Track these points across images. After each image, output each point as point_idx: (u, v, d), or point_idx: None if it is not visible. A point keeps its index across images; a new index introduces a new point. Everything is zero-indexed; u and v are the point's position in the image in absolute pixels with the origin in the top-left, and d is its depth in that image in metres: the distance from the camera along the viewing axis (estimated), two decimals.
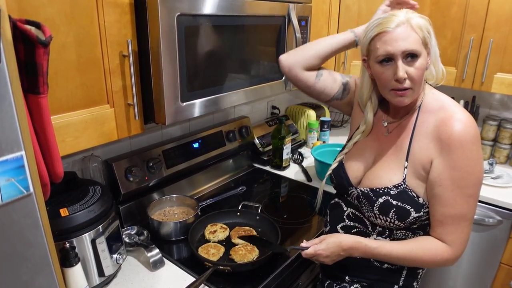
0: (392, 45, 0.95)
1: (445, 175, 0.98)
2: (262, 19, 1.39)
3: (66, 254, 0.98)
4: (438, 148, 0.99)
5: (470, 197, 0.98)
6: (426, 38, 0.98)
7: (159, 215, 1.47)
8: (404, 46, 0.95)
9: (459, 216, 0.99)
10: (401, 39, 0.95)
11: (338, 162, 1.22)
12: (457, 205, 0.98)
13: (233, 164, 1.97)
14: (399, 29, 0.95)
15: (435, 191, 1.00)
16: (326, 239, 1.11)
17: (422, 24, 0.98)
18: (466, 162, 0.96)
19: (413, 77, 0.97)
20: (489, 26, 1.82)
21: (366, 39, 1.01)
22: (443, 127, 0.99)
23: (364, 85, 1.14)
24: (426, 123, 1.04)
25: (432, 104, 1.05)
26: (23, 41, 0.67)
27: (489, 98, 2.26)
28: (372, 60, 1.02)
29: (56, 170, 0.76)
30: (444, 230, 1.00)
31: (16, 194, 0.54)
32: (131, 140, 1.55)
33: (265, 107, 2.29)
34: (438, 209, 1.00)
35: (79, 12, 0.94)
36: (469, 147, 0.96)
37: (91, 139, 1.04)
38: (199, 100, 1.22)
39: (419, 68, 0.97)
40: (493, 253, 1.86)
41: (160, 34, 1.03)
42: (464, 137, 0.96)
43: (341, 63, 2.09)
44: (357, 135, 1.18)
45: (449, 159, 0.97)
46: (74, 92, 0.98)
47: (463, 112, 1.00)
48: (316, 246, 1.11)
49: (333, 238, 1.10)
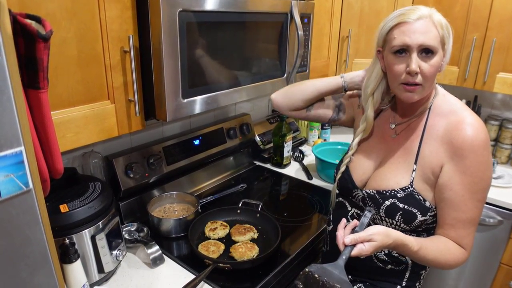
0: (410, 36, 0.93)
1: (456, 180, 0.97)
2: (264, 16, 1.38)
3: (66, 250, 0.98)
4: (450, 153, 0.98)
5: (479, 202, 0.98)
6: (445, 37, 0.96)
7: (159, 211, 1.47)
8: (422, 39, 0.93)
9: (470, 220, 0.98)
10: (420, 32, 0.93)
11: (345, 165, 1.19)
12: (468, 209, 0.97)
13: (234, 161, 1.97)
14: (420, 22, 0.94)
15: (445, 195, 0.99)
16: (377, 241, 0.91)
17: (444, 22, 0.96)
18: (478, 167, 0.95)
19: (425, 73, 0.95)
20: (492, 25, 1.81)
21: (385, 29, 0.99)
22: (455, 132, 0.97)
23: (372, 77, 1.10)
24: (436, 126, 1.02)
25: (442, 107, 1.03)
26: (23, 36, 0.67)
27: (491, 98, 2.25)
28: (387, 50, 1.00)
29: (56, 166, 0.75)
30: (457, 234, 1.00)
31: (15, 190, 0.53)
32: (131, 137, 1.54)
33: (266, 105, 2.29)
34: (449, 213, 0.99)
35: (80, 7, 0.93)
36: (480, 152, 0.95)
37: (91, 135, 1.03)
38: (200, 97, 1.21)
39: (432, 65, 0.95)
40: (493, 253, 1.86)
41: (161, 30, 1.02)
42: (476, 142, 0.95)
43: (343, 61, 2.08)
44: (359, 134, 1.16)
45: (460, 164, 0.96)
46: (74, 87, 0.97)
47: (473, 116, 0.99)
48: (363, 248, 0.90)
49: (384, 239, 0.92)
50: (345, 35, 2.04)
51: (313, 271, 0.92)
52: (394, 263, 1.10)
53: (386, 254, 1.10)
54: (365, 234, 0.90)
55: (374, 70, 1.10)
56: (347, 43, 2.04)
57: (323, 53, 1.99)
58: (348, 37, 2.03)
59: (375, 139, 1.16)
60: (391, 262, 1.10)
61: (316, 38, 1.86)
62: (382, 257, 1.11)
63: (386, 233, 0.92)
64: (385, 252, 1.10)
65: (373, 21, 2.02)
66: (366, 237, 0.90)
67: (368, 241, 0.90)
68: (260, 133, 2.08)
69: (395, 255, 1.09)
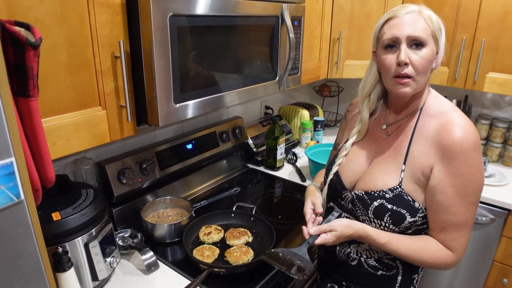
0: (398, 29, 0.95)
1: (447, 183, 0.96)
2: (255, 19, 1.38)
3: (59, 259, 0.97)
4: (439, 154, 0.97)
5: (471, 205, 0.97)
6: (436, 32, 0.97)
7: (152, 217, 1.46)
8: (410, 30, 0.94)
9: (461, 223, 0.98)
10: (408, 24, 0.94)
11: (338, 166, 1.18)
12: (459, 212, 0.97)
13: (227, 165, 1.96)
14: (408, 16, 0.96)
15: (436, 198, 0.98)
16: (337, 231, 1.02)
17: (434, 18, 0.97)
18: (468, 170, 0.94)
19: (415, 65, 0.95)
20: (481, 26, 1.83)
21: (377, 28, 1.02)
22: (444, 133, 0.97)
23: (368, 79, 1.12)
24: (426, 127, 1.02)
25: (433, 108, 1.03)
26: (12, 44, 0.66)
27: (481, 97, 2.28)
28: (379, 47, 1.01)
29: (48, 175, 0.74)
30: (447, 237, 0.99)
31: (6, 201, 0.52)
32: (123, 142, 1.53)
33: (258, 107, 2.29)
34: (440, 216, 0.99)
35: (69, 13, 0.92)
36: (470, 154, 0.94)
37: (83, 141, 1.02)
38: (192, 102, 1.21)
39: (423, 57, 0.95)
40: (486, 251, 1.88)
41: (152, 35, 1.02)
42: (466, 144, 0.94)
43: (334, 63, 2.09)
44: (354, 135, 1.16)
45: (450, 166, 0.95)
46: (65, 94, 0.96)
47: (463, 118, 0.98)
48: (326, 237, 1.02)
49: (344, 230, 1.02)
50: (336, 37, 2.05)
51: (278, 251, 1.07)
52: (384, 268, 1.10)
53: (376, 260, 1.10)
54: (327, 225, 1.04)
55: (371, 72, 1.11)
56: (338, 45, 2.05)
57: (314, 55, 1.99)
58: (339, 39, 2.04)
59: (366, 141, 1.16)
60: (381, 267, 1.10)
61: (307, 40, 1.87)
62: (372, 263, 1.10)
63: (348, 224, 1.04)
64: (375, 257, 1.10)
65: (363, 23, 2.04)
66: (327, 227, 1.03)
67: (330, 231, 1.02)
68: (253, 136, 2.08)
69: (384, 261, 1.09)
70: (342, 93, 2.70)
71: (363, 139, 1.16)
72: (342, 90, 2.67)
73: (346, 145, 1.18)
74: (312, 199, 1.21)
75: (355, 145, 1.17)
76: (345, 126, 1.27)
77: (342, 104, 2.77)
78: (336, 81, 2.67)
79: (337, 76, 2.13)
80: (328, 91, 2.64)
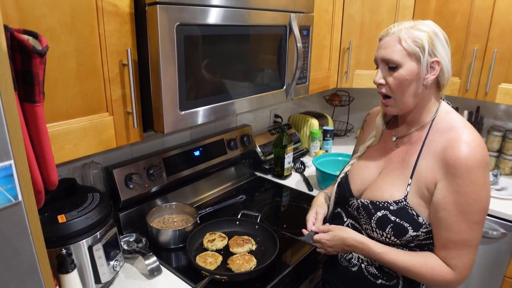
0: (377, 51, 1.04)
1: (450, 200, 0.95)
2: (263, 28, 1.39)
3: (63, 260, 0.99)
4: (444, 170, 0.96)
5: (475, 224, 0.95)
6: (415, 51, 0.97)
7: (158, 222, 1.48)
8: (383, 54, 1.01)
9: (463, 242, 0.96)
10: (383, 48, 1.02)
11: (350, 165, 1.23)
12: (461, 231, 0.95)
13: (235, 172, 1.97)
14: (386, 38, 1.02)
15: (439, 215, 0.97)
16: (334, 231, 1.11)
17: (417, 36, 0.97)
18: (472, 188, 0.93)
19: (390, 85, 1.02)
20: (493, 36, 1.81)
21: None
22: (450, 149, 0.96)
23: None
24: (435, 142, 1.01)
25: (443, 123, 1.03)
26: (20, 51, 0.69)
27: (494, 109, 2.24)
28: None
29: (51, 178, 0.76)
30: (448, 254, 0.98)
31: (4, 202, 0.54)
32: (132, 148, 1.56)
33: (267, 116, 2.30)
34: (442, 233, 0.98)
35: (79, 22, 0.95)
36: (474, 172, 0.92)
37: (90, 146, 1.05)
38: (198, 109, 1.22)
39: (396, 78, 1.00)
40: (497, 266, 1.83)
41: (159, 44, 1.04)
42: (471, 161, 0.92)
43: (344, 73, 2.09)
44: (371, 139, 1.20)
45: (453, 183, 0.94)
46: (73, 100, 0.99)
47: (471, 135, 0.96)
48: (323, 235, 1.13)
49: (340, 232, 1.10)
50: (346, 46, 2.05)
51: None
52: (384, 277, 1.09)
53: (376, 268, 1.09)
54: (326, 226, 1.16)
55: None
56: (348, 55, 2.05)
57: (324, 64, 2.00)
58: (349, 48, 2.04)
59: (378, 150, 1.17)
60: (381, 276, 1.09)
61: (316, 49, 1.88)
62: (373, 270, 1.10)
63: (345, 229, 1.12)
64: (376, 265, 1.09)
65: (374, 33, 2.03)
66: (325, 228, 1.15)
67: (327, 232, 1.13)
68: (261, 144, 2.09)
69: (385, 270, 1.08)
70: (353, 102, 2.69)
71: (376, 146, 1.18)
72: (352, 99, 2.66)
73: (361, 148, 1.22)
74: (318, 209, 1.25)
75: (368, 151, 1.20)
76: (362, 135, 1.30)
77: (352, 114, 2.76)
78: (346, 90, 2.66)
79: (347, 86, 2.13)
80: (339, 101, 2.63)
